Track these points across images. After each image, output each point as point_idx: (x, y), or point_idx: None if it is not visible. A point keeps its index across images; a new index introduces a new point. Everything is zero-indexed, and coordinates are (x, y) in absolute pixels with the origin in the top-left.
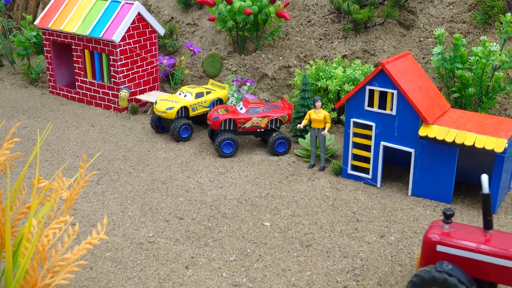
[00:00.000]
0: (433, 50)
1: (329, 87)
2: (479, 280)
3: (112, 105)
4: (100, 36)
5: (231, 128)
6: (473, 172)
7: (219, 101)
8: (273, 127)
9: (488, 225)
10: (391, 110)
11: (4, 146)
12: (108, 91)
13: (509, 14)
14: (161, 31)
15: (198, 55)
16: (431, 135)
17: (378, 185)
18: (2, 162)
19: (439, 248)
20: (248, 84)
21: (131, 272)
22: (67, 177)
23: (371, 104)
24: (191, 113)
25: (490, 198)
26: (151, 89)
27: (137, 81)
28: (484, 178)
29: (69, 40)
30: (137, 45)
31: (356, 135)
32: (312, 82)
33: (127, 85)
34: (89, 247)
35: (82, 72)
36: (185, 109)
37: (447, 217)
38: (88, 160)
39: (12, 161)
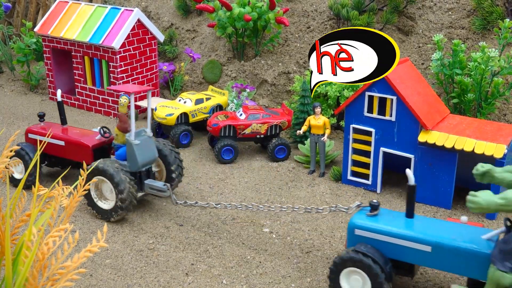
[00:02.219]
0: (432, 56)
1: (328, 93)
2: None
3: (112, 111)
4: (100, 42)
5: (231, 134)
6: (473, 177)
7: (219, 107)
8: (273, 133)
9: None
10: (391, 116)
11: (4, 154)
12: (107, 97)
13: (507, 20)
14: (161, 37)
15: (198, 61)
16: (430, 141)
17: (378, 191)
18: (2, 169)
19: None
20: (247, 90)
21: (131, 279)
22: (67, 185)
23: (370, 110)
24: (191, 119)
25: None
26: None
27: None
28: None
29: (69, 47)
30: (137, 51)
31: (355, 141)
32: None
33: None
34: (89, 255)
35: (82, 79)
36: (185, 115)
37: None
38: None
39: (11, 169)
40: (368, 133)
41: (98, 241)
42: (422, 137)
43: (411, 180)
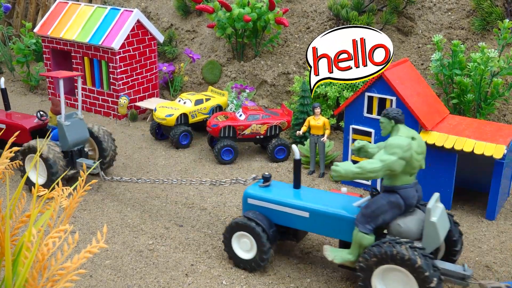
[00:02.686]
0: (432, 56)
1: (328, 93)
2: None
3: (112, 112)
4: (100, 43)
5: (231, 135)
6: (473, 178)
7: (219, 108)
8: (273, 133)
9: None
10: None
11: (4, 155)
12: (107, 98)
13: (507, 20)
14: (161, 38)
15: (198, 62)
16: (430, 142)
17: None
18: (2, 170)
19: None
20: (247, 91)
21: (131, 280)
22: (66, 186)
23: (370, 110)
24: (191, 120)
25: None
26: (150, 96)
27: (136, 88)
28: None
29: (68, 48)
30: (136, 52)
31: (355, 141)
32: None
33: (126, 92)
34: (89, 255)
35: (82, 80)
36: (184, 116)
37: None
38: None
39: (11, 170)
40: (368, 134)
41: (98, 242)
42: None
43: (297, 154)
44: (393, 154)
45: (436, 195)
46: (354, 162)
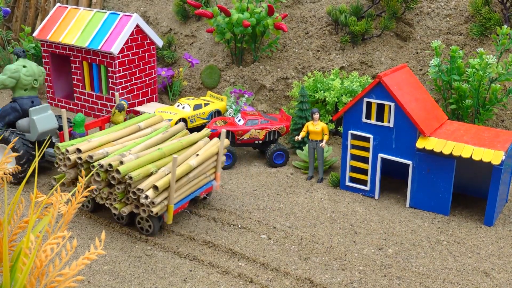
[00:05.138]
0: (430, 62)
1: (327, 98)
2: None
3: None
4: (99, 48)
5: (229, 140)
6: (471, 183)
7: (217, 113)
8: (271, 138)
9: None
10: (389, 122)
11: (2, 160)
12: (106, 102)
13: (505, 26)
14: (160, 42)
15: (197, 67)
16: (428, 147)
17: (376, 197)
18: (1, 176)
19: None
20: (246, 95)
21: (129, 285)
22: (65, 192)
23: (368, 116)
24: (189, 125)
25: None
26: (149, 100)
27: (135, 93)
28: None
29: (67, 52)
30: (135, 56)
31: (354, 147)
32: (310, 93)
33: (125, 96)
34: (87, 262)
35: (81, 84)
36: (183, 120)
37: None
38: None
39: (9, 175)
40: (366, 139)
41: (96, 248)
42: (420, 143)
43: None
44: (5, 74)
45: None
46: (352, 168)
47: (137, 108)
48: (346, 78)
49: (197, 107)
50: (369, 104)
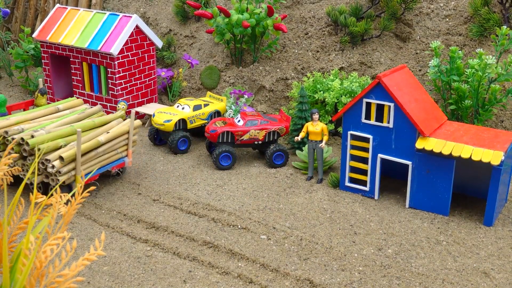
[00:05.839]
0: (430, 62)
1: (326, 99)
2: None
3: None
4: (99, 48)
5: (229, 141)
6: (470, 184)
7: (217, 114)
8: (271, 139)
9: None
10: (388, 122)
11: (2, 161)
12: (106, 103)
13: (504, 26)
14: (159, 43)
15: (196, 67)
16: (428, 148)
17: (376, 197)
18: (1, 176)
19: None
20: (245, 96)
21: (129, 286)
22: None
23: (368, 116)
24: (189, 126)
25: None
26: (149, 101)
27: (135, 94)
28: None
29: (67, 53)
30: (135, 57)
31: (353, 147)
32: (309, 94)
33: (125, 97)
34: (87, 263)
35: (80, 85)
36: (183, 121)
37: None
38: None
39: (10, 176)
40: (366, 140)
41: (96, 249)
42: (419, 144)
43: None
44: None
45: None
46: (352, 168)
47: (137, 109)
48: (345, 79)
49: (196, 107)
50: (368, 105)
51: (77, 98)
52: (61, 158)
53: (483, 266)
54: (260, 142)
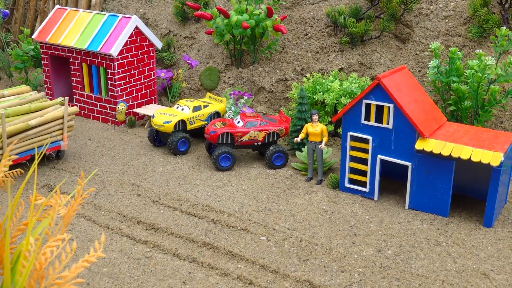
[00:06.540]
0: (429, 63)
1: (326, 100)
2: None
3: (110, 118)
4: (98, 50)
5: (229, 142)
6: (470, 185)
7: (217, 115)
8: (271, 140)
9: None
10: (388, 124)
11: (2, 163)
12: (105, 104)
13: (504, 27)
14: (159, 44)
15: (196, 68)
16: (427, 149)
17: (375, 198)
18: (2, 179)
19: None
20: (245, 97)
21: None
22: (64, 193)
23: (367, 117)
24: (189, 127)
25: None
26: (148, 102)
27: (134, 95)
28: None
29: (67, 54)
30: (134, 58)
31: (353, 148)
32: (309, 95)
33: (124, 98)
34: (87, 265)
35: (80, 86)
36: (182, 122)
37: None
38: (86, 176)
39: (12, 178)
40: (366, 141)
41: (96, 250)
42: (419, 145)
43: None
44: None
45: None
46: (352, 169)
47: (137, 110)
48: (345, 80)
49: (196, 108)
50: (368, 106)
51: (77, 98)
52: None
53: (482, 267)
54: (259, 143)
